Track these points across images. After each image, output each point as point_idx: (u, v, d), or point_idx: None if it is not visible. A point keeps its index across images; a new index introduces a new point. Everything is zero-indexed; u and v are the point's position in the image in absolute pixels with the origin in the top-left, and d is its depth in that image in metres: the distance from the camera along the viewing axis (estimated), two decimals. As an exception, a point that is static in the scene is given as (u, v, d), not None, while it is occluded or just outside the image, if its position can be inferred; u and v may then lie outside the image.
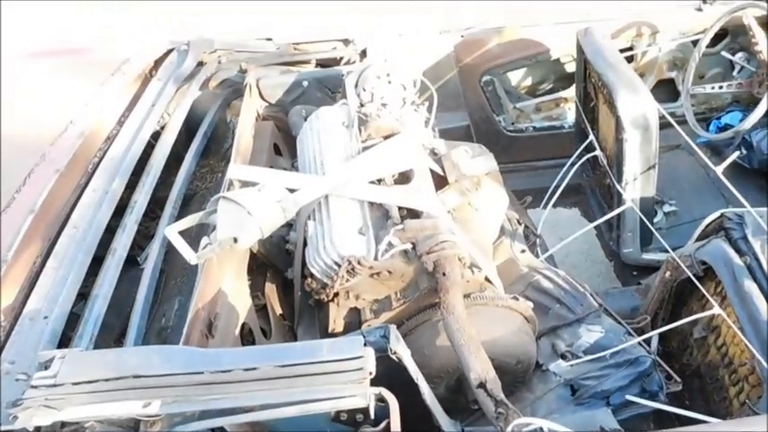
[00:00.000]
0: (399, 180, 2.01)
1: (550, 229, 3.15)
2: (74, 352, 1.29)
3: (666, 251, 2.52)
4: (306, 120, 2.53)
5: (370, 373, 1.25)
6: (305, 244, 1.91)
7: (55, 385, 1.22)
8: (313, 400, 1.23)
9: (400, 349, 1.43)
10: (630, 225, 2.48)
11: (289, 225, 2.14)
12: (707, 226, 2.01)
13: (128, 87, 2.57)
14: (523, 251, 2.33)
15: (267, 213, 1.68)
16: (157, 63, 2.73)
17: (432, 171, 2.10)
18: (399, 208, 1.89)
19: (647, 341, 1.88)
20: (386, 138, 2.10)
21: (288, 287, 2.16)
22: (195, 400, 1.22)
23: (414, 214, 1.89)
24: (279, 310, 2.10)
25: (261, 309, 2.05)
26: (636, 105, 2.21)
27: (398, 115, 2.22)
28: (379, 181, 1.98)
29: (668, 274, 1.96)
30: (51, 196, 1.90)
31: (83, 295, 1.79)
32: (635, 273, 2.72)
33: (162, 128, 2.52)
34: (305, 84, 2.75)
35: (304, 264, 1.93)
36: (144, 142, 2.32)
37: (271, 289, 2.12)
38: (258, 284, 2.09)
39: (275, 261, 2.13)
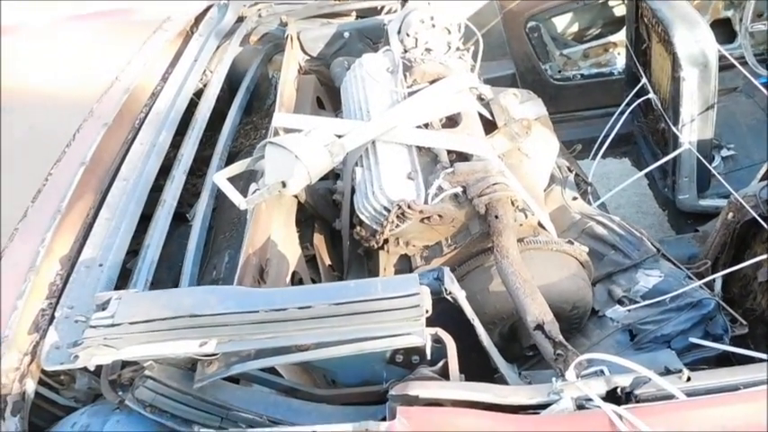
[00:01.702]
0: (447, 124, 1.96)
1: (600, 180, 3.06)
2: (130, 293, 1.30)
3: (725, 197, 2.43)
4: (346, 70, 2.50)
5: (427, 311, 1.23)
6: (353, 192, 1.89)
7: (113, 325, 1.23)
8: (368, 338, 1.21)
9: (455, 290, 1.40)
10: (687, 170, 2.38)
11: (336, 176, 2.12)
12: (772, 165, 1.91)
13: (170, 44, 2.56)
14: (575, 198, 2.26)
15: (315, 157, 1.65)
16: (198, 19, 2.71)
17: (480, 115, 2.04)
18: (448, 152, 1.85)
19: (709, 285, 1.81)
20: (432, 82, 2.05)
21: (336, 238, 2.14)
22: (250, 338, 1.22)
23: (463, 158, 1.85)
24: (328, 261, 2.09)
25: (310, 259, 2.04)
26: (694, 41, 2.10)
27: (443, 60, 2.16)
28: (427, 125, 1.93)
29: (731, 215, 1.88)
30: (100, 149, 1.91)
31: (135, 252, 1.81)
32: (690, 221, 2.63)
33: (204, 85, 2.51)
34: (346, 35, 2.69)
35: (352, 212, 1.91)
36: (187, 98, 2.31)
37: (319, 240, 2.11)
38: (307, 236, 2.08)
39: (323, 212, 2.12)
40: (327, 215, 2.13)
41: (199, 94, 2.45)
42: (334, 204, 2.12)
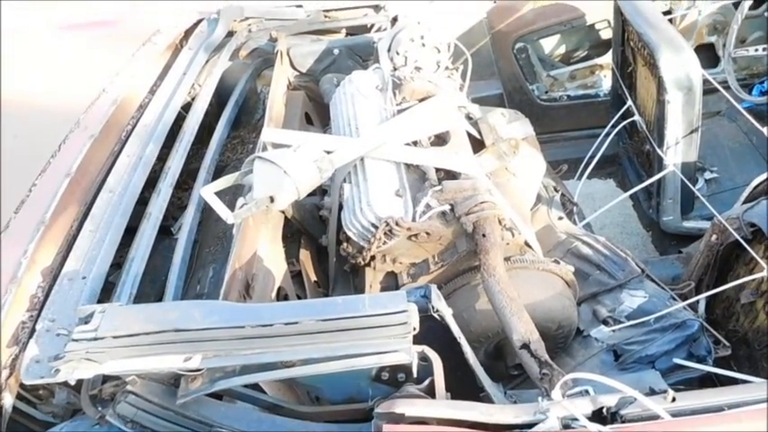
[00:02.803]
0: (435, 142, 1.97)
1: (585, 200, 3.08)
2: (114, 306, 1.28)
3: (709, 219, 2.46)
4: (335, 87, 2.51)
5: (414, 329, 1.22)
6: (340, 208, 1.89)
7: (96, 339, 1.21)
8: (355, 354, 1.20)
9: (442, 308, 1.39)
10: (671, 191, 2.40)
11: (323, 192, 2.12)
12: (755, 188, 1.93)
13: (159, 57, 2.56)
14: (561, 218, 2.27)
15: (303, 173, 1.65)
16: (188, 33, 2.71)
17: (468, 134, 2.05)
18: (437, 170, 1.86)
19: (693, 306, 1.82)
20: (421, 100, 2.06)
21: (322, 254, 2.13)
22: (236, 354, 1.20)
23: (451, 176, 1.85)
24: (313, 277, 2.08)
25: (296, 275, 2.03)
26: (679, 65, 2.13)
27: (433, 79, 2.18)
28: (415, 143, 1.94)
29: (714, 237, 1.90)
30: (86, 161, 1.90)
31: (118, 265, 1.79)
32: (674, 243, 2.65)
33: (193, 98, 2.51)
34: (336, 52, 2.71)
35: (339, 229, 1.91)
36: (175, 111, 2.30)
37: (305, 256, 2.10)
38: (293, 251, 2.07)
39: (309, 228, 2.11)
40: (314, 231, 2.12)
41: (187, 108, 2.44)
42: (321, 220, 2.11)
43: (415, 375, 1.31)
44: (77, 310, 1.29)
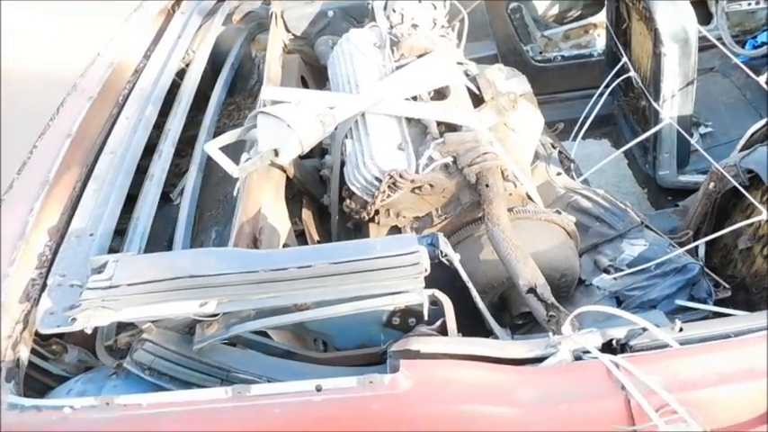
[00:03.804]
0: (435, 98, 1.97)
1: (581, 161, 3.08)
2: (127, 256, 1.29)
3: (703, 172, 2.49)
4: (331, 48, 2.50)
5: (426, 270, 1.24)
6: (342, 165, 1.89)
7: (111, 287, 1.22)
8: (368, 296, 1.22)
9: (450, 253, 1.41)
10: (668, 145, 2.43)
11: (322, 153, 2.12)
12: (751, 136, 1.96)
13: (151, 23, 2.53)
14: (559, 174, 2.29)
15: (307, 126, 1.65)
16: (178, -2, 2.68)
17: (467, 90, 2.06)
18: (437, 124, 1.86)
19: (692, 252, 1.85)
20: (419, 57, 2.06)
21: (324, 214, 2.14)
22: (251, 298, 1.22)
23: (452, 130, 1.86)
24: (316, 237, 2.10)
25: (299, 235, 2.04)
26: (675, 17, 2.14)
27: (429, 36, 2.18)
28: (415, 98, 1.95)
29: (712, 185, 1.92)
30: (86, 122, 1.89)
31: (121, 232, 1.79)
32: (669, 198, 2.68)
33: (187, 64, 2.49)
34: (330, 14, 2.69)
35: (342, 186, 1.92)
36: (171, 76, 2.29)
37: (307, 215, 2.11)
38: (295, 211, 2.07)
39: (311, 188, 2.12)
40: (315, 191, 2.13)
41: (181, 74, 2.42)
42: (322, 181, 2.12)
43: (426, 318, 1.33)
44: (90, 260, 1.30)
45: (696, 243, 1.85)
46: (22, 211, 1.57)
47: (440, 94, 1.97)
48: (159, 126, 2.17)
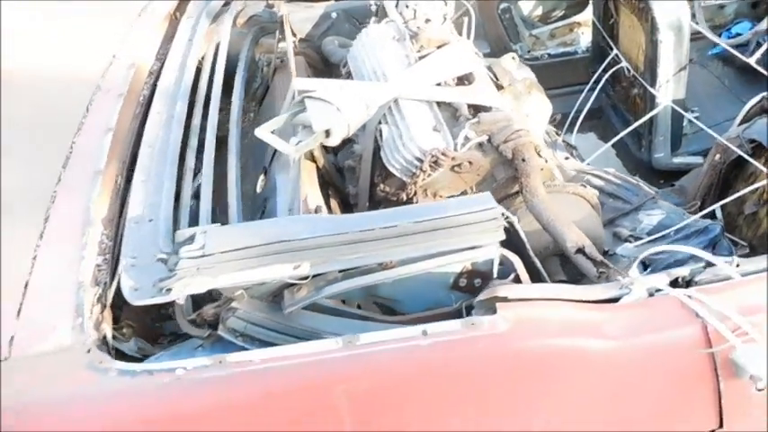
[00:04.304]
0: (460, 84, 2.07)
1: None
2: (214, 227, 1.33)
3: (695, 154, 2.67)
4: (339, 48, 2.59)
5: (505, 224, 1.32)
6: (376, 151, 1.96)
7: (204, 255, 1.25)
8: (450, 251, 1.29)
9: (509, 215, 1.50)
10: (663, 129, 2.59)
11: (335, 152, 2.18)
12: (748, 111, 2.12)
13: (160, 24, 2.56)
14: (567, 158, 2.42)
15: (353, 109, 1.72)
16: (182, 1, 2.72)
17: (486, 77, 2.17)
18: (468, 106, 1.96)
19: (710, 215, 1.99)
20: (438, 48, 2.16)
21: (348, 206, 2.21)
22: (341, 259, 1.27)
23: (481, 112, 1.96)
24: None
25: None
26: (670, 7, 2.31)
27: (444, 29, 2.28)
28: (439, 86, 2.04)
29: (718, 156, 2.07)
30: (121, 117, 1.91)
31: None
32: (662, 181, 2.84)
33: (201, 66, 2.52)
34: (333, 15, 2.77)
35: (374, 172, 1.99)
36: (191, 76, 2.32)
37: (334, 205, 2.17)
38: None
39: (335, 180, 2.18)
40: (339, 183, 2.19)
41: (197, 78, 2.45)
42: (340, 173, 2.19)
43: (494, 277, 1.41)
44: (177, 233, 1.33)
45: (710, 208, 1.99)
46: (81, 200, 1.59)
47: (464, 81, 2.07)
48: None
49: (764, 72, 2.12)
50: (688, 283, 1.28)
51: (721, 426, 1.30)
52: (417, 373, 1.17)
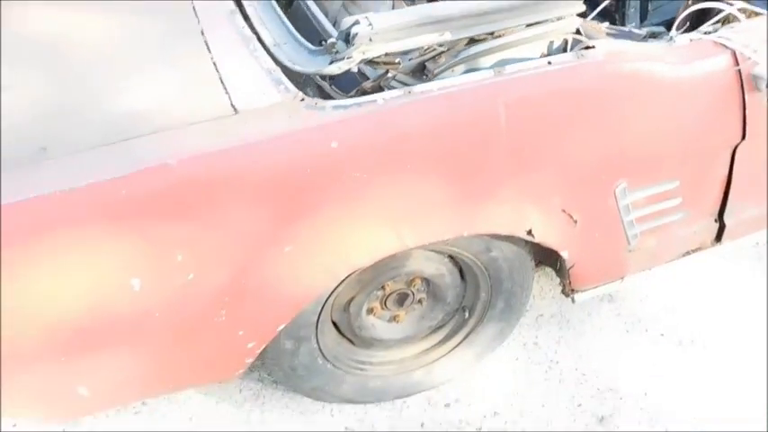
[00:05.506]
0: None
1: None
2: (371, 14, 1.69)
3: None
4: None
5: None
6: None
7: (374, 32, 1.61)
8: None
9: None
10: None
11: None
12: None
13: None
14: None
15: None
16: None
17: None
18: None
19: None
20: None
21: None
22: (474, 28, 1.70)
23: None
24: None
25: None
26: None
27: None
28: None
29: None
30: None
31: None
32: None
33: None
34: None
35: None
36: None
37: None
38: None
39: None
40: None
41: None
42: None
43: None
44: (343, 21, 1.69)
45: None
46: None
47: None
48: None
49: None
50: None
51: (743, 137, 1.84)
52: (549, 88, 1.64)
